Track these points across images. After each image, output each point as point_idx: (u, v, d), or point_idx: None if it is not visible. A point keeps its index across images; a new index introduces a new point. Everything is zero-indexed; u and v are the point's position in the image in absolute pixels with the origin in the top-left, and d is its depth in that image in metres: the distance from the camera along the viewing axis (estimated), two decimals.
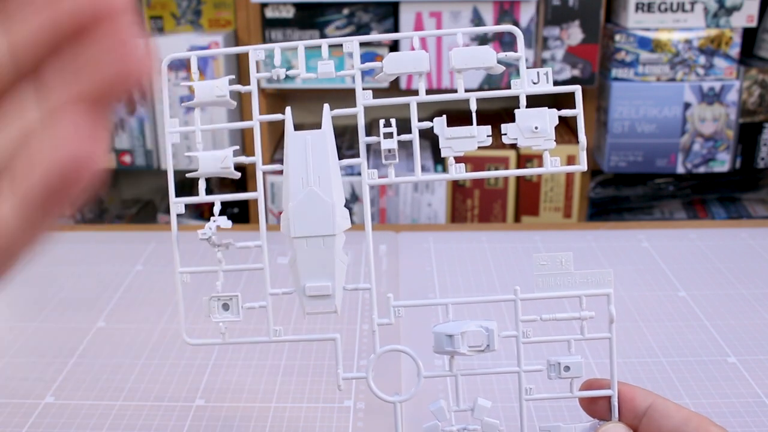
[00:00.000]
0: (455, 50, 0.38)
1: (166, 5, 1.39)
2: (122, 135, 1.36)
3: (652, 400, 0.37)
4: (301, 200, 0.38)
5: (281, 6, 1.26)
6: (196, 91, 0.40)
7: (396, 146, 0.39)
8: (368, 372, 0.39)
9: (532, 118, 0.38)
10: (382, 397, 0.39)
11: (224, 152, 0.39)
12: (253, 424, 0.49)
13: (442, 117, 0.38)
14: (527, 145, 0.38)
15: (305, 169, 0.38)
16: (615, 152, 1.30)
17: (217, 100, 0.40)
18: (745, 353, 0.56)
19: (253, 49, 0.40)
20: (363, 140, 0.39)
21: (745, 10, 1.25)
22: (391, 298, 0.39)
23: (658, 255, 0.72)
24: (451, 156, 0.38)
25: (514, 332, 0.39)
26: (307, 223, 0.38)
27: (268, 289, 0.40)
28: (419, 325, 0.60)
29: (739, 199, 1.44)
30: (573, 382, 0.39)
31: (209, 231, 0.39)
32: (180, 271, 0.39)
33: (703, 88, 1.28)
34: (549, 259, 0.39)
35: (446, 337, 0.38)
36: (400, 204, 1.33)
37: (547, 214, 1.35)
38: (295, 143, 0.39)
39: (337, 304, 0.39)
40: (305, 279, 0.38)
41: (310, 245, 0.38)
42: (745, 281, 0.67)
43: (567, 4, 1.25)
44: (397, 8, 1.26)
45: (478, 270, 0.70)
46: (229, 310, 0.39)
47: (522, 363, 0.39)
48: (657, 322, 0.60)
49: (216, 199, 0.40)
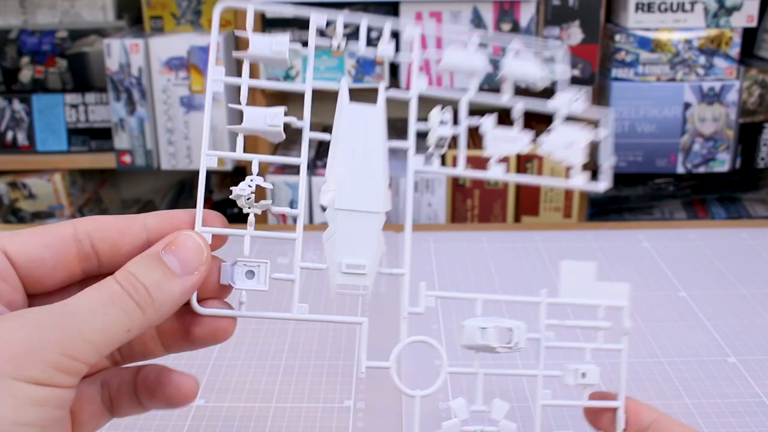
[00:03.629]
0: (509, 59, 0.39)
1: (166, 5, 1.39)
2: (122, 135, 1.36)
3: (657, 416, 0.37)
4: (350, 172, 0.37)
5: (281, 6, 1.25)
6: (251, 43, 0.37)
7: (449, 134, 0.38)
8: (392, 362, 0.37)
9: (569, 135, 0.39)
10: (404, 390, 0.38)
11: (274, 109, 0.37)
12: (253, 424, 0.49)
13: (493, 115, 0.39)
14: (560, 157, 0.39)
15: (358, 142, 0.37)
16: (615, 152, 1.30)
17: (272, 56, 0.37)
18: (745, 353, 0.56)
19: (315, 13, 0.38)
20: (413, 126, 0.38)
21: (745, 10, 1.25)
22: (424, 286, 0.38)
23: (658, 255, 0.72)
24: (495, 156, 0.38)
25: (537, 334, 0.38)
26: (353, 197, 0.36)
27: (298, 262, 0.36)
28: (428, 320, 0.60)
29: (739, 199, 1.44)
30: (585, 390, 0.39)
31: (248, 189, 0.35)
32: (201, 230, 0.35)
33: (703, 88, 1.28)
34: (575, 267, 0.39)
35: (479, 330, 0.37)
36: (400, 204, 1.33)
37: (547, 214, 1.35)
38: (351, 114, 0.38)
39: (369, 285, 0.37)
40: (342, 254, 0.36)
41: (351, 219, 0.36)
42: (745, 281, 0.67)
43: (567, 4, 1.25)
44: (397, 8, 1.25)
45: (478, 270, 0.70)
46: (254, 278, 0.36)
47: (542, 366, 0.39)
48: (657, 322, 0.60)
49: (254, 158, 0.36)
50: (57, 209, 1.47)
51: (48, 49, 1.40)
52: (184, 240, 0.32)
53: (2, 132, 1.43)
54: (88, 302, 0.30)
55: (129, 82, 1.33)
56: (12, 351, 0.28)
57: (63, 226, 0.33)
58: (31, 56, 1.41)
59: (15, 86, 1.43)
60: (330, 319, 0.38)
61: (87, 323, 0.29)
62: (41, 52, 1.41)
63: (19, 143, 1.44)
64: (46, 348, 0.28)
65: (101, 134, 1.43)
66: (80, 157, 1.43)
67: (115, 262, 0.33)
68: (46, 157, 1.44)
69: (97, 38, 1.39)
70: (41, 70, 1.42)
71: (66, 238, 0.33)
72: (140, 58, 1.32)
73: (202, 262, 0.33)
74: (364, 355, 0.37)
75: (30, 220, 1.48)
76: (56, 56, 1.41)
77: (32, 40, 1.40)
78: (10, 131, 1.43)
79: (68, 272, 0.33)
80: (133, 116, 1.35)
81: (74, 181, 1.49)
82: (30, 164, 1.44)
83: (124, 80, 1.33)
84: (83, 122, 1.43)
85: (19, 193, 1.46)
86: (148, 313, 0.31)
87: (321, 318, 0.37)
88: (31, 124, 1.43)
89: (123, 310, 0.30)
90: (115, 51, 1.32)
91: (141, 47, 1.32)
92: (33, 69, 1.42)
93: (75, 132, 1.43)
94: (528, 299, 0.39)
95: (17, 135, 1.43)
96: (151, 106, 1.35)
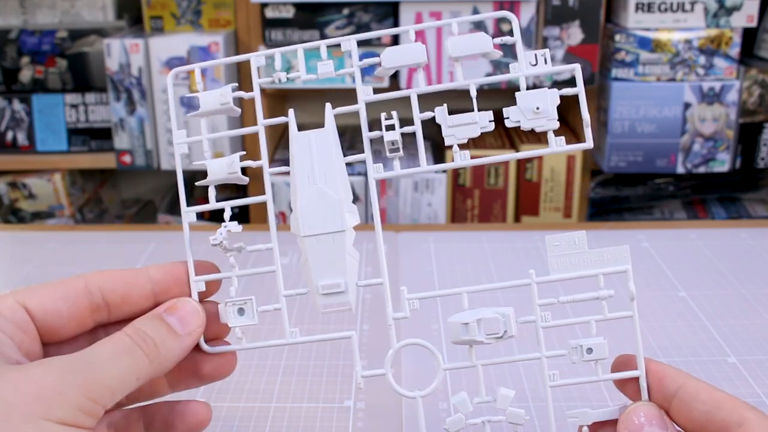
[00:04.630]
0: (451, 39, 0.38)
1: (166, 5, 1.39)
2: (122, 135, 1.36)
3: (683, 380, 0.35)
4: (308, 199, 0.38)
5: (281, 6, 1.26)
6: (201, 101, 0.40)
7: (399, 138, 0.38)
8: (387, 368, 0.38)
9: (533, 99, 0.38)
10: (402, 393, 0.38)
11: (230, 158, 0.39)
12: (253, 424, 0.49)
13: (443, 106, 0.38)
14: (530, 126, 0.37)
15: (311, 168, 0.38)
16: (615, 152, 1.30)
17: (221, 108, 0.40)
18: (745, 353, 0.56)
19: (255, 56, 0.40)
20: (366, 135, 0.39)
21: (745, 10, 1.25)
22: (405, 291, 0.39)
23: (658, 255, 0.72)
24: (455, 144, 0.38)
25: (532, 317, 0.38)
26: (315, 221, 0.38)
27: (282, 291, 0.39)
28: (428, 321, 0.60)
29: (739, 199, 1.44)
30: (597, 364, 0.37)
31: (220, 236, 0.38)
32: (194, 280, 0.39)
33: (703, 88, 1.28)
34: (562, 240, 0.38)
35: (462, 325, 0.37)
36: (400, 204, 1.33)
37: (547, 214, 1.35)
38: (299, 143, 0.39)
39: (351, 301, 0.38)
40: (318, 277, 0.38)
41: (320, 243, 0.38)
42: (745, 281, 0.67)
43: (567, 4, 1.25)
44: (397, 8, 1.26)
45: (478, 270, 0.70)
46: (245, 314, 0.39)
47: (543, 348, 0.38)
48: (657, 322, 0.60)
49: (226, 205, 0.40)
50: (57, 209, 1.47)
51: (48, 49, 1.40)
52: (183, 305, 0.37)
53: (2, 132, 1.43)
54: (104, 352, 0.34)
55: (129, 82, 1.33)
56: (42, 393, 0.31)
57: (75, 280, 0.37)
58: (31, 56, 1.41)
59: (15, 86, 1.43)
60: (320, 338, 0.39)
61: (105, 370, 0.33)
62: (41, 52, 1.41)
63: (19, 143, 1.44)
64: (71, 391, 0.31)
65: (101, 134, 1.43)
66: (80, 157, 1.43)
67: (123, 311, 0.38)
68: (46, 157, 1.44)
69: (97, 38, 1.39)
70: (41, 70, 1.42)
71: (79, 290, 0.37)
72: (140, 58, 1.32)
73: (199, 324, 0.37)
74: (359, 366, 0.39)
75: (30, 220, 1.48)
76: (56, 56, 1.41)
77: (32, 40, 1.40)
78: (10, 131, 1.43)
79: (80, 322, 0.37)
80: (133, 116, 1.35)
81: (74, 181, 1.49)
82: (30, 164, 1.44)
83: (124, 80, 1.33)
84: (83, 122, 1.43)
85: (19, 193, 1.46)
86: (155, 364, 0.35)
87: (312, 339, 0.39)
88: (31, 124, 1.43)
89: (134, 359, 0.34)
90: (115, 51, 1.32)
91: (141, 47, 1.32)
92: (33, 69, 1.42)
93: (75, 132, 1.43)
94: (516, 283, 0.38)
95: (17, 135, 1.43)
96: (151, 106, 1.35)
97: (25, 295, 0.36)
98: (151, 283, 0.38)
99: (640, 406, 0.36)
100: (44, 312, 0.36)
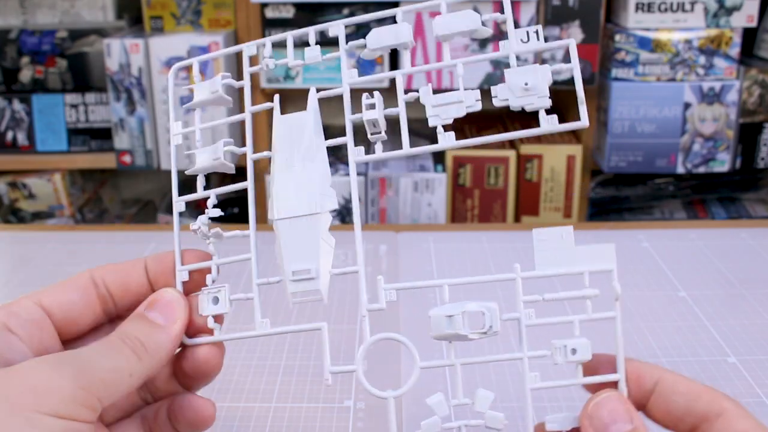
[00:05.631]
0: (437, 18, 0.37)
1: (166, 5, 1.39)
2: (122, 135, 1.36)
3: (660, 375, 0.35)
4: (283, 181, 0.37)
5: (281, 6, 1.26)
6: (195, 92, 0.40)
7: (382, 119, 0.37)
8: (359, 364, 0.36)
9: (522, 75, 0.35)
10: (373, 392, 0.36)
11: (215, 146, 0.39)
12: (253, 424, 0.49)
13: (428, 86, 0.36)
14: (519, 104, 0.35)
15: (290, 151, 0.37)
16: (615, 152, 1.30)
17: (211, 97, 0.39)
18: (745, 353, 0.56)
19: (246, 46, 0.40)
20: (349, 117, 0.38)
21: (745, 10, 1.25)
22: (381, 281, 0.36)
23: (658, 255, 0.72)
24: (439, 125, 0.36)
25: (515, 314, 0.35)
26: (289, 204, 0.37)
27: (255, 279, 0.38)
28: (421, 315, 0.60)
29: (739, 199, 1.44)
30: (578, 366, 0.35)
31: (199, 221, 0.38)
32: (179, 269, 0.39)
33: (703, 88, 1.28)
34: (549, 234, 0.36)
35: (445, 318, 0.35)
36: (400, 204, 1.33)
37: (547, 214, 1.35)
38: (280, 125, 0.38)
39: (322, 290, 0.36)
40: (289, 262, 0.36)
41: (293, 226, 0.36)
42: (745, 281, 0.67)
43: (567, 4, 1.25)
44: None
45: (478, 270, 0.70)
46: (218, 303, 0.37)
47: (525, 348, 0.35)
48: (657, 322, 0.60)
49: (211, 193, 0.40)
50: (57, 209, 1.47)
51: (48, 49, 1.40)
52: (162, 296, 0.37)
53: (2, 132, 1.43)
54: (94, 349, 0.34)
55: (129, 82, 1.33)
56: (33, 385, 0.30)
57: (81, 275, 0.38)
58: (31, 56, 1.41)
59: (15, 86, 1.43)
60: (290, 329, 0.37)
61: (96, 363, 0.33)
62: (41, 52, 1.41)
63: (19, 143, 1.44)
64: (64, 383, 0.31)
65: (101, 134, 1.43)
66: (80, 157, 1.43)
67: (126, 301, 0.39)
68: (46, 157, 1.44)
69: (97, 38, 1.39)
70: (41, 70, 1.42)
71: (87, 282, 0.38)
72: (140, 58, 1.32)
73: (181, 310, 0.37)
74: (327, 361, 0.36)
75: (30, 220, 1.48)
76: (56, 56, 1.41)
77: (32, 40, 1.40)
78: (10, 131, 1.43)
79: (94, 314, 0.38)
80: (133, 116, 1.35)
81: (74, 181, 1.49)
82: (30, 164, 1.44)
83: (124, 80, 1.33)
84: (83, 122, 1.43)
85: (19, 193, 1.46)
86: (145, 360, 0.35)
87: (281, 330, 0.37)
88: (31, 124, 1.43)
89: (123, 356, 0.34)
90: (115, 51, 1.32)
91: (141, 47, 1.32)
92: (33, 69, 1.42)
93: (75, 132, 1.43)
94: (500, 277, 0.36)
95: (17, 135, 1.43)
96: (151, 106, 1.35)
97: (39, 294, 0.37)
98: (148, 272, 0.39)
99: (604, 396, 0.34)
100: (59, 305, 0.37)
